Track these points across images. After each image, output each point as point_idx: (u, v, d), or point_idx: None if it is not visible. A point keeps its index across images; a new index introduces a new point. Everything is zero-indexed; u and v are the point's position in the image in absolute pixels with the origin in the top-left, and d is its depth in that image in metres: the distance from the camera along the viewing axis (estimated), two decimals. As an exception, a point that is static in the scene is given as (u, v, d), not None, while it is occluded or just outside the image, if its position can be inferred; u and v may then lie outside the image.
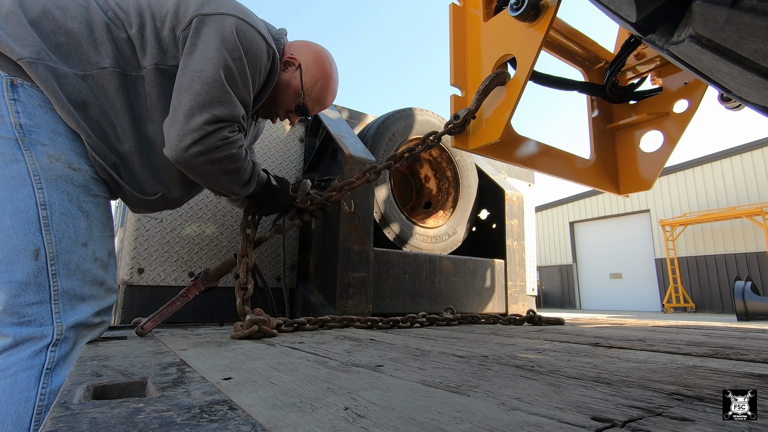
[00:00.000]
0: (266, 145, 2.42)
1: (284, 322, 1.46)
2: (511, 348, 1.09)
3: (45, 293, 1.05)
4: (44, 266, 1.05)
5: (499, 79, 1.46)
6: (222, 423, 0.42)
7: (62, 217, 1.08)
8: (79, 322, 1.09)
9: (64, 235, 1.08)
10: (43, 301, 1.05)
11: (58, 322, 1.06)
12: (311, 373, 0.70)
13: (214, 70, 1.19)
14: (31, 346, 1.03)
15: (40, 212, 1.05)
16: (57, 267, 1.07)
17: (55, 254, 1.06)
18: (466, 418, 0.45)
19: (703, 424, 0.43)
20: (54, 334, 1.05)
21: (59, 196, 1.09)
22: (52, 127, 1.11)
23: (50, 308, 1.05)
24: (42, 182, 1.06)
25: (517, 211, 2.89)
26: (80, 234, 1.12)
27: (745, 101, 0.61)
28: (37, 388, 1.02)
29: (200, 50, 1.19)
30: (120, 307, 1.93)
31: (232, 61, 1.22)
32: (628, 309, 17.85)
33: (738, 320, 9.32)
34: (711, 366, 0.83)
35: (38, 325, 1.04)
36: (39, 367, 1.03)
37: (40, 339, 1.04)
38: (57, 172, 1.09)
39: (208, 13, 1.22)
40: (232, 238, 2.22)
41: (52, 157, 1.09)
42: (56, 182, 1.09)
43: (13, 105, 1.07)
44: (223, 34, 1.21)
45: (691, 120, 1.75)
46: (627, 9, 0.58)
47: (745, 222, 14.87)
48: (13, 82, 1.07)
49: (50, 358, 1.04)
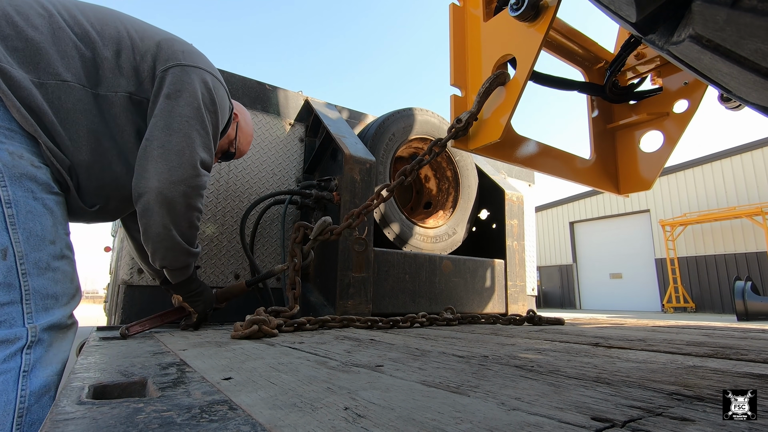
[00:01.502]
0: (266, 145, 2.42)
1: (284, 322, 1.46)
2: (511, 348, 1.09)
3: (15, 293, 1.02)
4: (13, 266, 1.02)
5: (499, 80, 1.46)
6: (222, 423, 0.42)
7: (28, 215, 1.06)
8: (53, 323, 1.08)
9: (32, 233, 1.06)
10: (14, 302, 1.02)
11: (30, 323, 1.03)
12: (311, 373, 0.70)
13: (201, 118, 1.35)
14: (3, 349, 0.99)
15: (5, 210, 1.02)
16: (27, 266, 1.04)
17: (23, 253, 1.04)
18: (466, 418, 0.45)
19: (703, 424, 0.43)
20: (28, 336, 1.02)
21: (23, 194, 1.06)
22: (7, 125, 1.08)
23: (21, 308, 1.03)
24: (6, 180, 1.03)
25: (517, 211, 2.89)
26: (47, 231, 1.10)
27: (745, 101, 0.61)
28: (17, 390, 1.00)
29: (186, 98, 1.32)
30: (120, 307, 1.93)
31: (210, 114, 1.39)
32: (628, 309, 17.85)
33: (738, 320, 9.32)
34: (711, 366, 0.83)
35: (8, 326, 1.01)
36: (16, 370, 1.00)
37: (13, 342, 1.01)
38: (21, 169, 1.07)
39: (190, 64, 1.36)
40: (232, 238, 2.22)
41: (14, 154, 1.07)
42: (20, 180, 1.06)
43: None
44: (205, 88, 1.37)
45: (691, 120, 1.75)
46: (627, 9, 0.58)
47: (745, 222, 14.87)
48: None
49: (26, 361, 1.02)
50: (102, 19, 1.30)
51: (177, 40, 1.43)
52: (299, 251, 1.72)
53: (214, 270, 2.15)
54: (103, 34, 1.27)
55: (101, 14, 1.32)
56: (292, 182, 2.49)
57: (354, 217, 1.70)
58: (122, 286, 1.94)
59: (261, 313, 1.40)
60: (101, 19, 1.30)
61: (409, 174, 1.68)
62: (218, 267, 2.16)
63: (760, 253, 14.47)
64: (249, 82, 2.41)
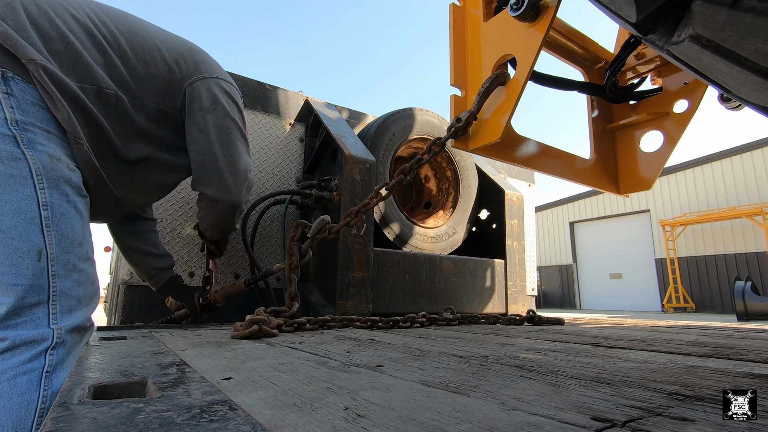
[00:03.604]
0: (266, 145, 2.42)
1: (284, 322, 1.46)
2: (511, 348, 1.09)
3: (44, 294, 1.04)
4: (45, 267, 1.04)
5: (499, 80, 1.46)
6: (222, 423, 0.42)
7: (62, 217, 1.08)
8: (76, 325, 1.09)
9: (63, 236, 1.08)
10: (42, 302, 1.04)
11: (55, 323, 1.05)
12: (311, 373, 0.70)
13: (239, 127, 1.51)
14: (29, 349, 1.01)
15: (42, 213, 1.04)
16: (56, 268, 1.06)
17: (54, 255, 1.06)
18: (466, 418, 0.45)
19: (703, 424, 0.43)
20: (53, 338, 1.04)
21: (59, 196, 1.08)
22: (44, 126, 1.09)
23: (47, 309, 1.04)
24: (44, 182, 1.05)
25: (517, 211, 2.89)
26: (77, 234, 1.12)
27: (745, 101, 0.61)
28: (39, 390, 1.01)
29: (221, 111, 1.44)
30: (120, 307, 1.93)
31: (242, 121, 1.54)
32: (628, 309, 17.85)
33: (738, 320, 9.32)
34: (711, 366, 0.83)
35: (35, 326, 1.02)
36: (39, 370, 1.01)
37: (40, 342, 1.02)
38: (58, 172, 1.09)
39: (214, 76, 1.47)
40: (232, 239, 2.22)
41: (53, 157, 1.09)
42: (57, 183, 1.08)
43: (7, 99, 1.03)
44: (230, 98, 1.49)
45: (691, 120, 1.75)
46: (627, 9, 0.58)
47: (745, 222, 14.86)
48: (4, 75, 1.04)
49: (49, 362, 1.03)
50: (129, 27, 1.34)
51: (197, 50, 1.50)
52: (297, 249, 1.72)
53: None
54: (132, 42, 1.31)
55: (127, 21, 1.35)
56: (292, 182, 2.49)
57: (352, 215, 1.70)
58: (122, 286, 1.94)
59: (261, 313, 1.40)
60: (128, 27, 1.34)
61: (408, 173, 1.68)
62: (218, 267, 2.16)
63: (760, 253, 14.47)
64: (249, 82, 2.41)
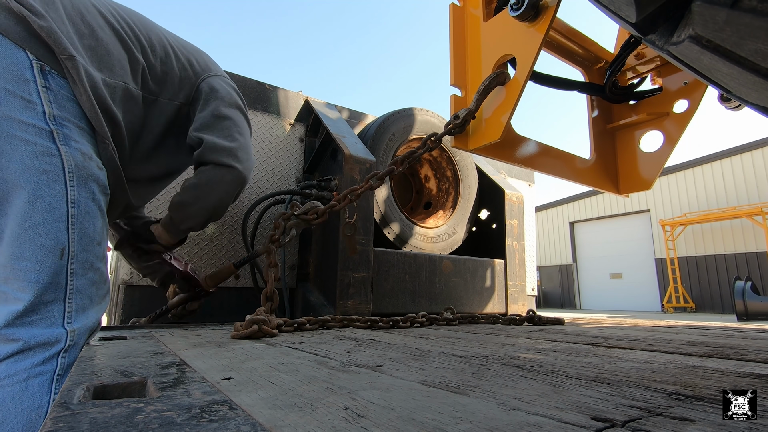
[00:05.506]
0: (266, 144, 2.42)
1: (284, 322, 1.46)
2: (511, 348, 1.09)
3: (61, 292, 1.02)
4: (65, 265, 1.02)
5: (499, 79, 1.46)
6: (222, 423, 0.42)
7: (86, 215, 1.07)
8: (88, 326, 1.08)
9: (85, 234, 1.07)
10: (58, 300, 1.02)
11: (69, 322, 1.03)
12: (311, 373, 0.70)
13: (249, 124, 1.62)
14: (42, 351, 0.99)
15: (69, 210, 1.03)
16: (75, 266, 1.04)
17: (75, 253, 1.04)
18: (466, 418, 0.45)
19: (703, 424, 0.43)
20: (67, 340, 1.02)
21: (87, 194, 1.07)
22: (77, 122, 1.08)
23: (63, 307, 1.02)
24: (75, 180, 1.04)
25: (517, 211, 2.89)
26: (97, 233, 1.11)
27: (745, 101, 0.61)
28: (50, 394, 0.98)
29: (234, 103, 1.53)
30: (120, 307, 1.93)
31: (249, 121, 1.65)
32: (628, 309, 17.84)
33: (738, 320, 9.32)
34: (711, 366, 0.83)
35: (49, 325, 1.00)
36: (51, 373, 0.99)
37: (53, 345, 1.00)
38: (89, 170, 1.08)
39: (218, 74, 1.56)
40: (232, 238, 2.22)
41: (86, 155, 1.08)
42: (87, 181, 1.07)
43: (46, 93, 1.02)
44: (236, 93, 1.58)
45: (691, 120, 1.75)
46: (627, 9, 0.58)
47: (745, 222, 14.86)
48: (42, 68, 1.02)
49: (61, 364, 1.01)
50: (146, 26, 1.38)
51: (202, 51, 1.59)
52: (275, 249, 1.73)
53: (215, 269, 2.15)
54: (150, 41, 1.35)
55: (142, 21, 1.39)
56: (292, 182, 2.49)
57: (340, 200, 1.71)
58: (122, 286, 1.94)
59: (261, 312, 1.40)
60: (145, 26, 1.38)
61: (401, 164, 1.69)
62: (218, 266, 2.16)
63: (760, 253, 14.47)
64: (249, 82, 2.41)
